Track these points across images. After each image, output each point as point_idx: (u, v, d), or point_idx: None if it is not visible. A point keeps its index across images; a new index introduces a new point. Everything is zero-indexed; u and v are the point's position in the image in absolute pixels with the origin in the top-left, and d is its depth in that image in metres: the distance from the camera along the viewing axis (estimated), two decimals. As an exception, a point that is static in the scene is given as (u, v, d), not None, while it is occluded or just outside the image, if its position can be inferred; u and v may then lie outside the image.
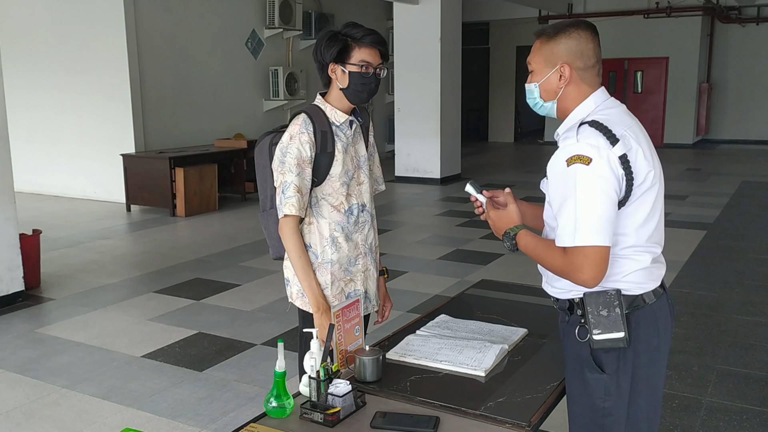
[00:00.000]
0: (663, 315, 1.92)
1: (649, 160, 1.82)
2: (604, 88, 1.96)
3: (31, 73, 9.83)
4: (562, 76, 1.91)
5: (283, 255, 2.52)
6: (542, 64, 1.94)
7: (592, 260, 1.74)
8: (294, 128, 2.34)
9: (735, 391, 3.74)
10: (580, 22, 1.94)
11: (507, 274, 5.91)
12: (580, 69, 1.91)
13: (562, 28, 1.92)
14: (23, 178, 9.59)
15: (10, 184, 5.29)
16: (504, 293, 2.90)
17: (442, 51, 10.88)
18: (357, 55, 2.32)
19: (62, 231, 7.76)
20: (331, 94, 2.41)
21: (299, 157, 2.31)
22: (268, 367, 4.09)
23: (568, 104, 1.93)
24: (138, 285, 5.83)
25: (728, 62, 16.27)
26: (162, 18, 9.47)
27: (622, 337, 1.81)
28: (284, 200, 2.31)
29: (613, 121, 1.81)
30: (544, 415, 1.86)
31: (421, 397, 1.91)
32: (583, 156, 1.74)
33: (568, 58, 1.90)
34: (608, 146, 1.75)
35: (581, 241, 1.74)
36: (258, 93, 11.28)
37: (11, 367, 4.15)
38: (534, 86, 1.97)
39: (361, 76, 2.32)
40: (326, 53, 2.33)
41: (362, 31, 2.33)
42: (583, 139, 1.77)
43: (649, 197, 1.83)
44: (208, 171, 8.96)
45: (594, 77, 1.93)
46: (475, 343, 2.22)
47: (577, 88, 1.91)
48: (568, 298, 1.92)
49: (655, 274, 1.91)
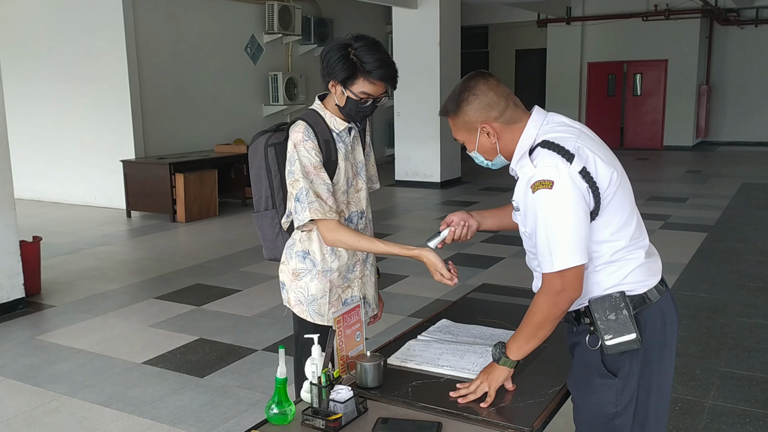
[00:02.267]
0: (669, 311, 1.93)
1: (608, 162, 1.83)
2: (537, 106, 1.96)
3: (31, 79, 9.84)
4: (489, 134, 1.92)
5: (276, 257, 2.51)
6: (466, 135, 1.96)
7: (570, 280, 1.78)
8: (297, 136, 2.28)
9: (738, 394, 3.73)
10: (468, 81, 1.94)
11: (508, 278, 5.91)
12: (498, 118, 1.90)
13: (458, 96, 1.93)
14: (23, 184, 9.60)
15: (10, 192, 5.29)
16: (505, 297, 2.90)
17: (441, 55, 10.89)
18: (361, 85, 2.22)
19: (62, 237, 7.75)
20: (330, 102, 2.37)
21: (308, 165, 2.26)
22: (270, 373, 4.08)
23: (510, 147, 1.93)
24: (138, 291, 5.82)
25: (727, 64, 16.28)
26: (162, 24, 9.48)
27: (634, 339, 1.81)
28: (305, 206, 2.23)
29: (562, 137, 1.82)
30: (547, 420, 1.86)
31: (423, 403, 1.90)
32: (545, 181, 1.75)
33: (481, 117, 1.91)
34: (566, 164, 1.75)
35: (560, 265, 1.77)
36: (258, 98, 11.29)
37: (12, 375, 4.15)
38: (474, 153, 1.99)
39: (358, 103, 2.27)
40: (332, 69, 2.22)
41: (375, 61, 2.19)
42: (540, 162, 1.78)
43: (621, 197, 1.84)
44: (208, 176, 8.96)
45: (515, 111, 1.92)
46: (477, 348, 2.22)
47: (508, 132, 1.92)
48: (573, 310, 1.92)
49: (653, 268, 1.91)
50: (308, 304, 2.42)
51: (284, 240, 2.47)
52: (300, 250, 2.42)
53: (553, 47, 16.74)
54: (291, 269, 2.44)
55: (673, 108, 15.96)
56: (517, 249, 6.92)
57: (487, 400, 1.89)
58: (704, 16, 15.26)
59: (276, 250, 2.49)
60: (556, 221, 1.76)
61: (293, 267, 2.43)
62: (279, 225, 2.45)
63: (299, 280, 2.42)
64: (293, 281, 2.44)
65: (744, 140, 16.30)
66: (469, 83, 1.93)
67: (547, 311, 1.84)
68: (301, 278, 2.42)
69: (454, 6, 11.26)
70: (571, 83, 16.81)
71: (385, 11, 13.18)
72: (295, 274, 2.43)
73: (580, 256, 1.77)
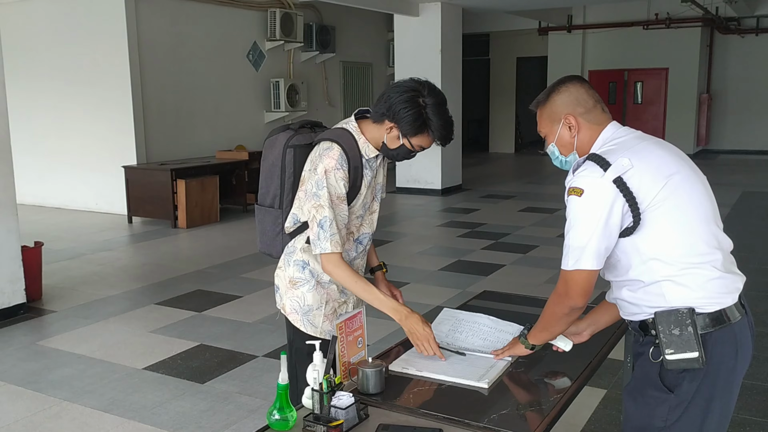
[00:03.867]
0: (744, 337, 1.89)
1: (660, 175, 1.82)
2: (615, 121, 2.01)
3: (33, 85, 9.88)
4: (571, 127, 1.99)
5: (271, 253, 2.50)
6: (549, 126, 2.04)
7: (575, 283, 1.86)
8: (330, 162, 2.24)
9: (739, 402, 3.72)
10: (564, 79, 2.05)
11: (509, 285, 5.91)
12: (583, 113, 1.98)
13: (551, 89, 2.03)
14: (25, 189, 9.60)
15: (12, 197, 5.30)
16: (507, 304, 2.91)
17: (442, 62, 10.92)
18: (421, 140, 2.26)
19: (64, 243, 7.76)
20: (369, 131, 2.33)
21: (334, 194, 2.25)
22: (270, 379, 4.08)
23: (585, 148, 1.99)
24: (139, 297, 5.83)
25: (728, 73, 16.32)
26: (164, 30, 9.52)
27: (696, 357, 1.79)
28: (328, 236, 2.23)
29: (613, 151, 1.87)
30: (548, 427, 1.86)
31: (424, 409, 1.90)
32: (576, 188, 1.84)
33: (568, 109, 1.98)
34: (600, 173, 1.81)
35: (571, 266, 1.85)
36: (259, 105, 11.32)
37: (13, 380, 4.15)
38: (552, 146, 2.05)
39: (410, 152, 2.30)
40: (398, 117, 2.22)
41: (443, 124, 2.23)
42: (579, 172, 1.87)
43: (674, 212, 1.82)
44: (210, 182, 8.98)
45: (600, 115, 1.99)
46: (479, 355, 2.22)
47: (588, 131, 1.98)
48: (639, 320, 1.93)
49: (729, 286, 1.87)
50: (303, 313, 2.42)
51: (283, 241, 2.46)
52: (300, 259, 2.41)
53: (554, 55, 16.78)
54: (288, 276, 2.43)
55: (674, 116, 15.98)
56: (518, 257, 6.93)
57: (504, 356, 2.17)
58: (705, 24, 15.30)
59: (273, 247, 2.49)
60: (577, 225, 1.83)
61: (290, 275, 2.42)
62: (281, 226, 2.44)
63: (296, 289, 2.42)
64: (289, 289, 2.43)
65: (745, 149, 16.31)
66: (564, 81, 2.03)
67: (552, 309, 1.97)
68: (297, 287, 2.41)
69: (456, 14, 11.30)
70: (572, 91, 16.81)
71: (387, 18, 13.22)
72: (292, 283, 2.42)
73: (592, 262, 1.83)
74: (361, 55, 13.67)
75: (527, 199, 10.86)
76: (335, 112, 12.99)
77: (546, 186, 12.16)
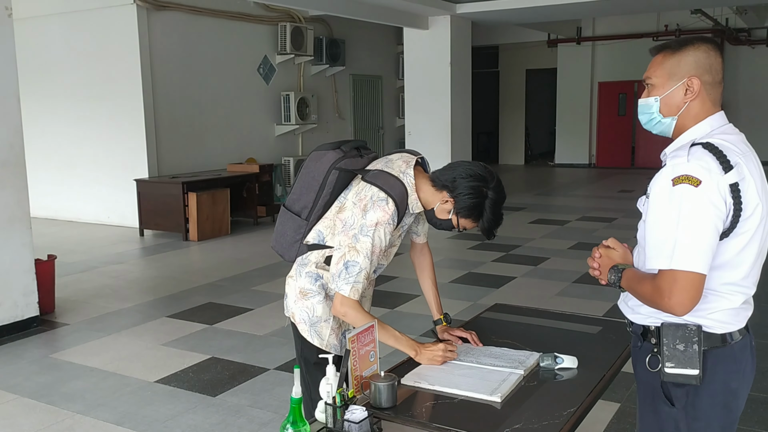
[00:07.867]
0: (744, 357, 1.84)
1: (760, 193, 1.74)
2: (723, 112, 1.87)
3: (47, 99, 9.98)
4: (688, 90, 1.81)
5: (283, 254, 2.51)
6: (665, 78, 1.84)
7: (682, 285, 1.66)
8: (384, 217, 2.26)
9: (745, 414, 3.69)
10: (705, 38, 1.83)
11: (520, 298, 5.89)
12: (708, 84, 1.81)
13: (689, 40, 1.82)
14: (38, 203, 9.67)
15: (26, 211, 5.34)
16: (518, 317, 2.90)
17: (452, 75, 10.96)
18: (469, 223, 2.35)
19: (76, 256, 7.81)
20: (425, 190, 2.37)
21: (377, 246, 2.27)
22: (282, 392, 4.08)
23: (687, 122, 1.84)
24: (151, 310, 5.85)
25: (738, 83, 16.26)
26: (175, 44, 9.60)
27: (695, 375, 1.75)
28: (351, 281, 2.25)
29: (728, 148, 1.73)
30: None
31: (437, 423, 1.90)
32: (692, 177, 1.66)
33: (696, 71, 1.80)
34: (720, 171, 1.67)
35: (677, 265, 1.66)
36: (270, 118, 11.38)
37: (26, 393, 4.17)
38: (654, 99, 1.86)
39: (452, 227, 2.37)
40: (461, 199, 2.30)
41: (495, 220, 2.34)
42: (695, 160, 1.69)
43: (754, 234, 1.74)
44: (221, 195, 9.02)
45: (719, 96, 1.84)
46: (491, 369, 2.22)
47: (701, 104, 1.82)
48: (644, 324, 1.88)
49: (741, 315, 1.83)
50: (311, 324, 2.44)
51: (299, 250, 2.47)
52: (312, 271, 2.43)
53: (564, 67, 16.79)
54: (299, 286, 2.45)
55: (684, 127, 15.93)
56: (529, 269, 6.91)
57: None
58: (715, 35, 15.27)
59: (286, 252, 2.50)
60: (692, 220, 1.65)
61: (302, 285, 2.44)
62: (302, 236, 2.46)
63: (306, 300, 2.44)
64: (300, 299, 2.45)
65: (756, 159, 16.23)
66: (707, 40, 1.83)
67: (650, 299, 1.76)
68: (308, 298, 2.44)
69: (465, 26, 11.35)
70: (581, 103, 16.83)
71: (397, 32, 13.28)
72: (303, 293, 2.44)
73: (702, 264, 1.66)
74: (371, 68, 13.73)
75: (537, 210, 10.84)
76: (345, 124, 13.05)
77: (556, 198, 12.13)
